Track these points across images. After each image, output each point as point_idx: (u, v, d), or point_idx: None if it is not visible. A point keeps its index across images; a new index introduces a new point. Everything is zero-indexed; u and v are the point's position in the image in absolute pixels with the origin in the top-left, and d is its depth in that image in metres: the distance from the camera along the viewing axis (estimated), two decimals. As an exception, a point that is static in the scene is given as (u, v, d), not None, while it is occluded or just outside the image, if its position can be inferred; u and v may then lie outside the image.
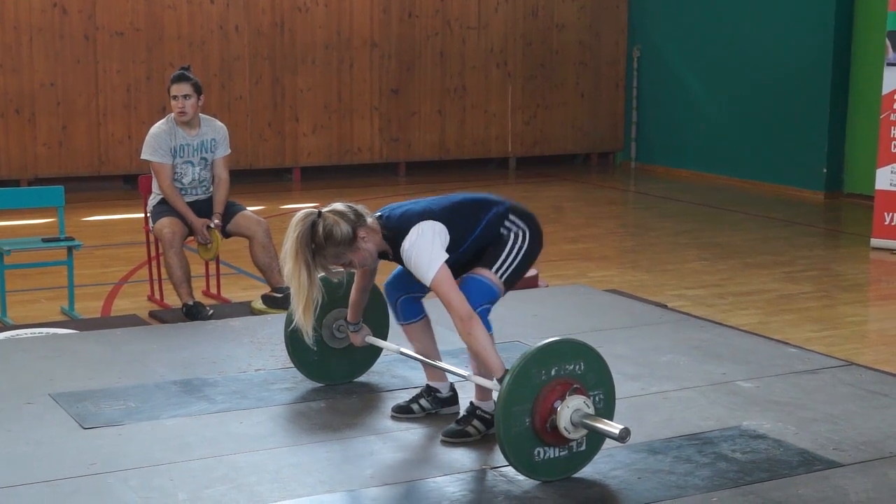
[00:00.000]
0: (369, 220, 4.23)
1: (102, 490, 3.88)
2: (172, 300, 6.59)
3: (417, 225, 4.19)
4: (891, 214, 8.56)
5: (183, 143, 6.44)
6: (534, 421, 3.91)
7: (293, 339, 4.83)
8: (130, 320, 6.30)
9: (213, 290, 6.96)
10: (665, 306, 6.61)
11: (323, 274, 4.22)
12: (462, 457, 4.22)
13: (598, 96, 13.16)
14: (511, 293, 6.54)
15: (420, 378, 4.79)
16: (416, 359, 4.61)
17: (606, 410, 4.10)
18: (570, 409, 3.90)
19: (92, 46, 10.89)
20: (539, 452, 3.96)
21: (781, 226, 9.67)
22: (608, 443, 4.33)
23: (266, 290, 6.55)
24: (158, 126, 6.49)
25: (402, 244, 4.18)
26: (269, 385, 4.99)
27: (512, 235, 4.32)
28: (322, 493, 3.90)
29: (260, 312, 6.37)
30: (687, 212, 10.44)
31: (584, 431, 3.95)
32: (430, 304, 4.53)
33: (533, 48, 12.77)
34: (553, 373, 3.95)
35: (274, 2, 11.51)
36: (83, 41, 10.85)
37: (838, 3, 10.74)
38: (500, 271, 4.29)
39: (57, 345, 5.64)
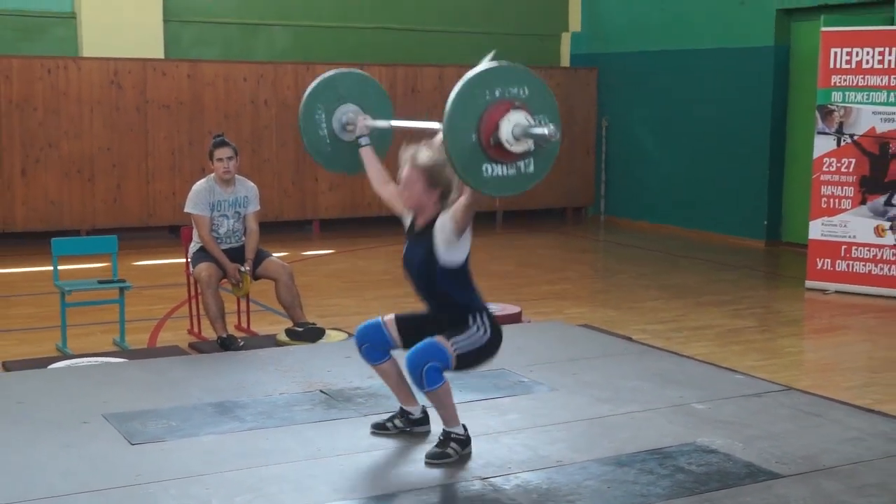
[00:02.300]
0: (442, 201, 4.25)
1: (147, 499, 3.85)
2: (209, 333, 6.55)
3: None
4: (822, 260, 8.55)
5: (220, 199, 6.44)
6: (479, 137, 3.70)
7: (308, 133, 4.79)
8: (173, 351, 6.27)
9: (244, 325, 6.93)
10: (630, 339, 6.58)
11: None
12: (456, 469, 4.18)
13: (573, 159, 13.17)
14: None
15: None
16: (407, 127, 4.64)
17: None
18: (512, 123, 3.69)
19: (143, 117, 10.91)
20: (487, 169, 3.76)
21: (728, 270, 9.66)
22: (581, 456, 4.29)
23: (289, 324, 6.52)
24: (199, 184, 6.49)
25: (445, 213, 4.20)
26: (291, 407, 4.96)
27: (476, 327, 4.26)
28: (336, 500, 3.87)
29: (284, 344, 6.33)
30: (648, 258, 10.43)
31: (527, 146, 3.72)
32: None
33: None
34: (497, 94, 3.73)
35: (297, 80, 11.54)
36: (135, 113, 10.87)
37: (775, 81, 10.78)
38: (456, 346, 4.19)
39: (109, 372, 5.61)
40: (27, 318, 7.32)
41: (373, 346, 4.44)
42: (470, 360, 4.26)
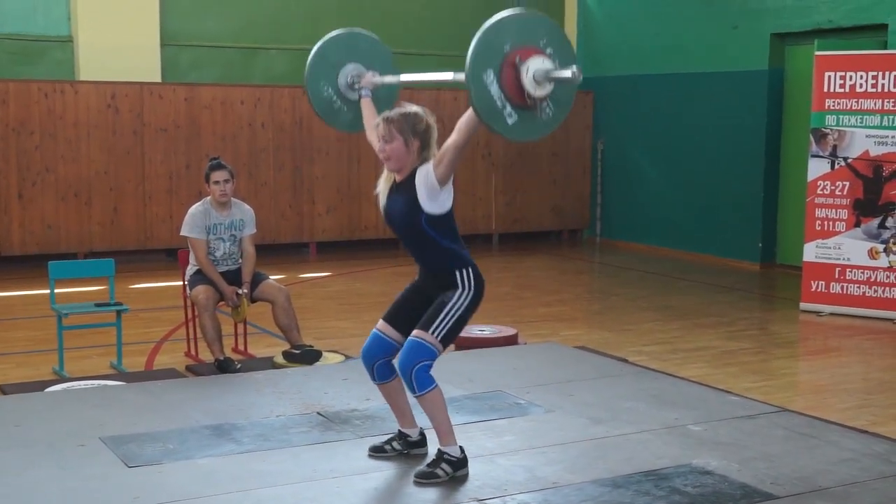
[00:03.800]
0: (423, 153, 4.23)
1: (144, 520, 3.85)
2: (206, 356, 6.57)
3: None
4: (817, 282, 8.59)
5: (216, 223, 6.46)
6: (510, 53, 3.78)
7: (326, 115, 4.90)
8: (170, 373, 6.27)
9: (241, 347, 6.94)
10: (626, 360, 6.60)
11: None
12: (452, 491, 4.19)
13: (568, 182, 13.24)
14: (494, 350, 6.61)
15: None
16: (415, 80, 4.71)
17: None
18: (543, 64, 3.79)
19: (140, 140, 10.95)
20: (489, 77, 3.79)
21: (724, 292, 9.69)
22: (577, 477, 4.30)
23: (286, 347, 6.53)
24: (195, 207, 6.52)
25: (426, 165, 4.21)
26: (288, 429, 4.96)
27: (461, 288, 4.24)
28: (333, 522, 3.87)
29: (281, 366, 6.34)
30: (643, 280, 10.46)
31: (539, 91, 3.80)
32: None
33: (512, 142, 12.84)
34: (545, 43, 3.84)
35: (294, 103, 11.61)
36: (132, 136, 10.92)
37: (769, 104, 10.86)
38: (437, 332, 4.19)
39: (106, 394, 5.61)
40: (24, 342, 7.33)
41: (385, 363, 4.41)
42: (456, 330, 4.24)
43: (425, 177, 4.18)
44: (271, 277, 6.69)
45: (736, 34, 11.17)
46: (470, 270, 4.29)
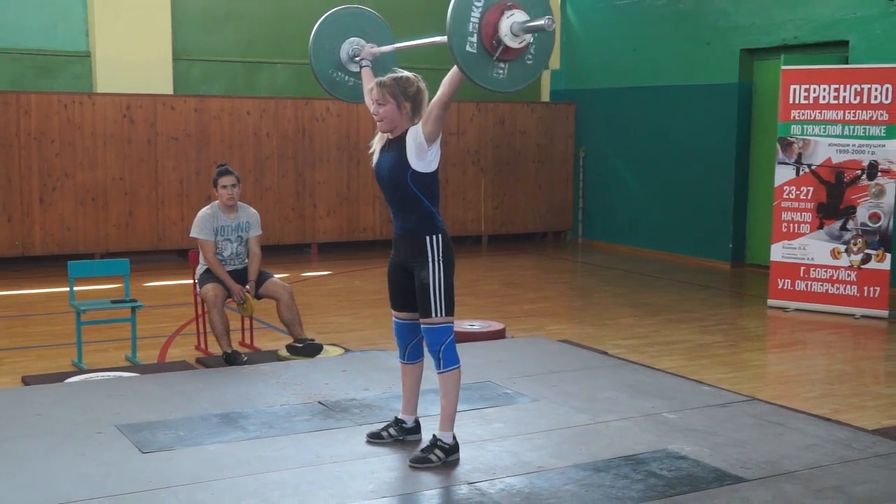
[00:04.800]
0: (412, 117, 4.22)
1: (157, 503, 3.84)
2: (215, 349, 6.56)
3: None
4: (783, 280, 8.61)
5: (223, 225, 6.45)
6: (488, 10, 3.81)
7: (331, 86, 4.92)
8: (181, 365, 6.26)
9: (248, 341, 6.93)
10: (606, 353, 6.60)
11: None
12: (445, 475, 4.19)
13: (552, 187, 13.25)
14: (483, 343, 6.61)
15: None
16: (405, 46, 4.72)
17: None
18: (520, 17, 3.82)
19: (153, 148, 10.93)
20: (479, 1, 3.81)
21: (697, 289, 9.70)
22: (561, 462, 4.31)
23: (289, 341, 6.53)
24: (204, 211, 6.51)
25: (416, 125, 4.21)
26: (291, 417, 4.96)
27: (430, 266, 4.23)
28: (333, 504, 3.87)
29: (284, 359, 6.34)
30: (622, 278, 10.46)
31: (508, 40, 3.81)
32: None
33: (500, 150, 12.87)
34: (531, 5, 3.88)
35: (297, 113, 11.60)
36: (146, 144, 10.89)
37: (739, 115, 10.87)
38: (437, 311, 4.22)
39: (122, 385, 5.60)
40: (45, 336, 7.31)
41: (416, 344, 4.46)
42: (450, 296, 4.25)
43: (415, 135, 4.18)
44: (276, 276, 6.69)
45: (708, 50, 11.19)
46: (439, 237, 4.28)
